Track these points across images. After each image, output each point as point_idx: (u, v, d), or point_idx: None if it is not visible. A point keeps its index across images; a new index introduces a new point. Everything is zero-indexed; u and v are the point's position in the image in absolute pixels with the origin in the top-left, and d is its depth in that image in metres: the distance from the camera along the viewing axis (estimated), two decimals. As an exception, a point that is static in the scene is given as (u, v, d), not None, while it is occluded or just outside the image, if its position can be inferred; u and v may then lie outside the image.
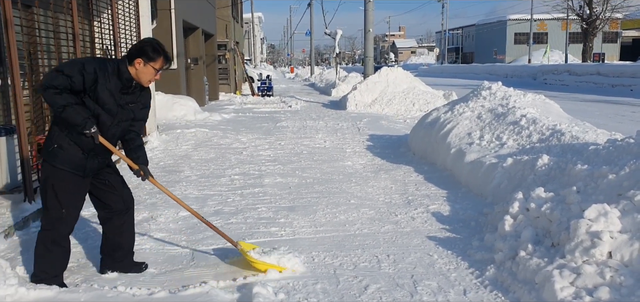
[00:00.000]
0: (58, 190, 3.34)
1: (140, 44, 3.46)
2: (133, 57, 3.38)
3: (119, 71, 3.35)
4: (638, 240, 3.23)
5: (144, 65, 3.38)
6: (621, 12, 40.79)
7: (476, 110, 7.70)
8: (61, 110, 3.17)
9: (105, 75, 3.29)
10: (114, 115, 3.38)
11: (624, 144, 4.58)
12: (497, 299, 3.35)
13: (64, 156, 3.31)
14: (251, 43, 52.77)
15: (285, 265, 3.76)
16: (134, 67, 3.38)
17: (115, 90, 3.35)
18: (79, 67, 3.23)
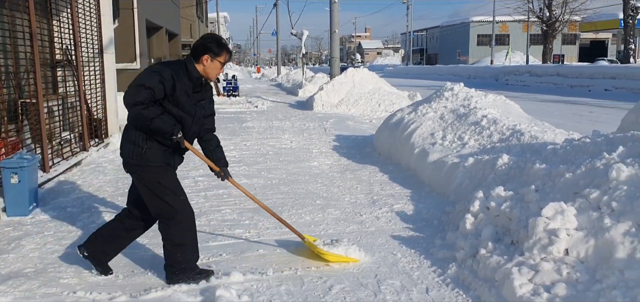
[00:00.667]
0: (166, 183, 3.50)
1: (205, 41, 3.54)
2: (199, 55, 3.49)
3: (188, 71, 3.46)
4: (593, 237, 3.33)
5: (212, 60, 3.50)
6: (579, 15, 41.95)
7: (439, 111, 7.82)
8: (150, 122, 3.29)
9: (180, 78, 3.40)
10: (193, 116, 3.51)
11: (580, 143, 4.71)
12: (459, 297, 3.40)
13: (154, 155, 3.44)
14: (217, 43, 52.13)
15: (352, 256, 3.93)
16: (201, 65, 3.50)
17: (189, 91, 3.47)
18: (158, 77, 3.31)
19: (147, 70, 3.46)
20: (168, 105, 3.38)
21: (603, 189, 3.58)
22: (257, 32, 74.85)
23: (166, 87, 3.32)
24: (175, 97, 3.38)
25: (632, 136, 4.21)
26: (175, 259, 3.56)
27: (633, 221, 3.25)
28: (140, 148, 3.43)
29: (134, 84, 3.33)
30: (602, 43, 66.56)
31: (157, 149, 3.44)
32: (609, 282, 3.01)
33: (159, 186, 3.48)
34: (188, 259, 3.59)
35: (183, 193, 3.60)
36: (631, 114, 5.73)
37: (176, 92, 3.37)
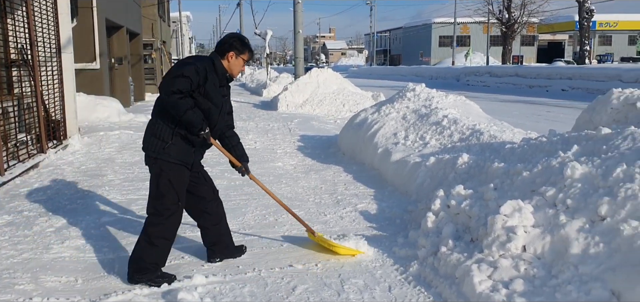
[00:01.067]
0: (175, 183, 3.58)
1: (230, 39, 3.72)
2: (225, 52, 3.66)
3: (215, 66, 3.62)
4: (549, 233, 3.43)
5: (236, 57, 3.69)
6: (537, 17, 43.08)
7: (401, 111, 7.91)
8: (183, 113, 3.41)
9: (211, 71, 3.56)
10: (220, 108, 3.67)
11: (537, 142, 4.85)
12: (420, 294, 3.46)
13: (177, 151, 3.53)
14: (179, 42, 51.59)
15: (362, 249, 4.08)
16: (226, 61, 3.68)
17: (217, 85, 3.62)
18: (194, 67, 3.44)
19: (181, 62, 3.58)
20: (198, 97, 3.51)
21: (558, 187, 3.69)
22: (220, 32, 74.21)
23: (200, 77, 3.45)
24: (205, 89, 3.51)
25: (586, 135, 4.35)
26: (141, 257, 3.58)
27: (587, 218, 3.36)
28: (164, 143, 3.53)
29: (170, 75, 3.45)
30: (559, 44, 68.59)
31: (180, 146, 3.55)
32: (564, 277, 3.10)
33: (168, 183, 3.57)
34: (155, 261, 3.61)
35: (183, 199, 3.68)
36: (585, 114, 5.93)
37: (207, 84, 3.51)
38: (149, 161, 3.64)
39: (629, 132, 3.97)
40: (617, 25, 60.48)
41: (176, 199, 3.60)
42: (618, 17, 59.87)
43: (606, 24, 59.57)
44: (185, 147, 3.57)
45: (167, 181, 3.55)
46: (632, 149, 3.71)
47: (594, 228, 3.27)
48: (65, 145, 8.89)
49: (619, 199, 3.28)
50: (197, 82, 3.45)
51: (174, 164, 3.55)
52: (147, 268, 3.57)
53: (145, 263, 3.57)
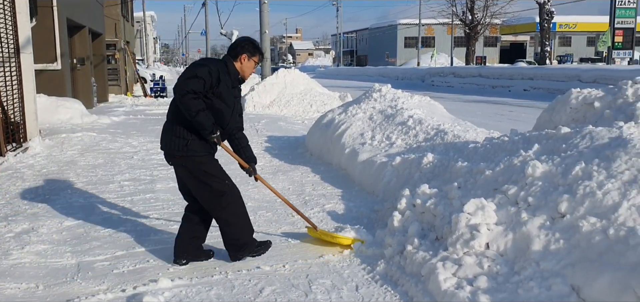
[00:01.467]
0: (211, 170, 3.77)
1: (242, 42, 3.86)
2: (238, 54, 3.80)
3: (228, 68, 3.74)
4: (511, 231, 3.51)
5: (248, 60, 3.82)
6: (500, 18, 43.90)
7: (368, 112, 7.97)
8: (195, 114, 3.51)
9: (224, 73, 3.67)
10: (232, 108, 3.78)
11: (499, 141, 4.95)
12: (387, 293, 3.49)
13: (199, 145, 3.68)
14: (143, 42, 50.84)
15: (362, 237, 4.24)
16: (239, 63, 3.81)
17: (229, 86, 3.73)
18: (207, 69, 3.56)
19: (195, 64, 3.69)
20: (212, 98, 3.62)
21: (520, 185, 3.78)
22: (185, 32, 73.36)
23: (213, 78, 3.57)
24: (218, 89, 3.62)
25: (546, 134, 4.46)
26: (233, 237, 3.87)
27: (547, 215, 3.45)
28: (185, 140, 3.66)
29: (184, 76, 3.56)
30: (521, 45, 70.11)
31: (200, 140, 3.67)
32: (526, 273, 3.18)
33: (205, 173, 3.74)
34: (244, 235, 3.91)
35: (228, 177, 3.87)
36: (545, 113, 6.08)
37: (221, 85, 3.63)
38: (174, 160, 3.80)
39: (587, 131, 4.09)
40: (576, 26, 62.14)
41: (223, 180, 3.81)
42: (577, 18, 61.54)
43: (566, 25, 61.13)
44: (202, 141, 3.70)
45: (203, 172, 3.73)
46: (590, 147, 3.83)
47: (555, 225, 3.36)
48: (25, 148, 8.64)
49: (578, 197, 3.38)
50: (210, 83, 3.56)
51: (201, 156, 3.72)
52: (243, 244, 3.90)
53: (238, 242, 3.88)
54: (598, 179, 3.42)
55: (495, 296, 3.07)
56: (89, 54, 16.94)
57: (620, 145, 3.63)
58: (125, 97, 20.99)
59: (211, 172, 3.77)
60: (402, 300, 3.38)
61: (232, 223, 3.85)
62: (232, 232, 3.87)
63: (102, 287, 3.55)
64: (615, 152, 3.57)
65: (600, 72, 21.86)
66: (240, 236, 3.91)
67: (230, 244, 3.91)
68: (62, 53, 13.20)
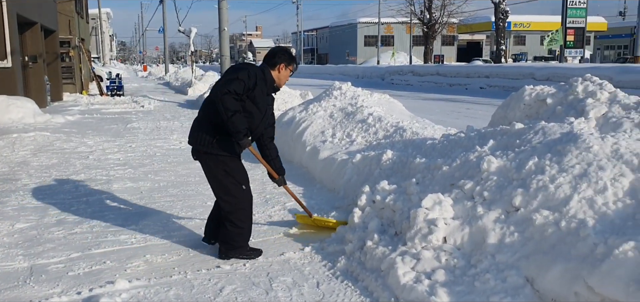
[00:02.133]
0: (232, 172, 3.86)
1: (280, 52, 3.99)
2: (276, 63, 3.92)
3: (265, 76, 3.85)
4: (468, 225, 3.58)
5: (285, 69, 3.94)
6: (456, 18, 44.73)
7: (328, 110, 7.99)
8: (231, 114, 3.59)
9: (261, 79, 3.78)
10: (264, 114, 3.89)
11: (456, 138, 5.04)
12: (348, 288, 3.51)
13: (224, 145, 3.78)
14: (99, 40, 49.65)
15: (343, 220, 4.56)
16: (276, 72, 3.92)
17: (265, 92, 3.85)
18: (247, 72, 3.70)
19: (235, 67, 3.84)
20: (246, 101, 3.73)
21: (476, 180, 3.87)
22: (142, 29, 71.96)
23: (251, 82, 3.69)
24: (253, 93, 3.73)
25: (501, 130, 4.58)
26: (232, 238, 3.94)
27: (502, 209, 3.54)
28: (212, 138, 3.77)
29: (225, 78, 3.72)
30: (477, 44, 71.60)
31: (226, 141, 3.77)
32: (482, 266, 3.25)
33: (225, 174, 3.85)
34: (242, 241, 4.00)
35: (246, 182, 3.96)
36: (500, 110, 6.22)
37: (256, 89, 3.74)
38: (198, 155, 3.91)
39: (540, 126, 4.22)
40: (530, 25, 63.96)
41: (240, 185, 3.89)
42: (531, 18, 63.35)
43: (520, 24, 62.84)
44: (229, 141, 3.78)
45: (223, 171, 3.84)
46: (543, 142, 3.94)
47: (509, 218, 3.45)
48: (-27, 148, 8.32)
49: (532, 190, 3.48)
50: (248, 86, 3.67)
51: (224, 156, 3.82)
52: (238, 248, 3.98)
53: (235, 244, 3.96)
54: (550, 173, 3.53)
55: (453, 289, 3.13)
56: (42, 52, 16.42)
57: (571, 141, 3.75)
58: (80, 96, 20.44)
59: (231, 173, 3.87)
60: (362, 295, 3.40)
61: (237, 226, 3.92)
62: (234, 233, 3.94)
63: (56, 290, 3.46)
64: (566, 147, 3.69)
65: (553, 70, 22.52)
66: (238, 239, 3.98)
67: (227, 242, 3.97)
68: (13, 50, 12.77)
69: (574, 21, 30.76)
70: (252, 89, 3.72)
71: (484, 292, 3.06)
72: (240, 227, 3.94)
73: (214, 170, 3.87)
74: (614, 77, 17.21)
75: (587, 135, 3.76)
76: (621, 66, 21.71)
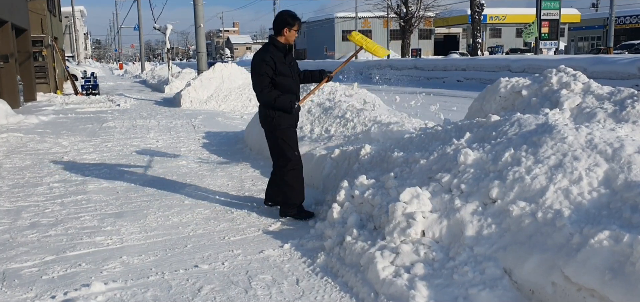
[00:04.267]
0: (288, 140, 4.72)
1: (281, 17, 4.65)
2: (281, 29, 4.61)
3: (276, 46, 4.61)
4: (446, 218, 3.59)
5: (289, 31, 4.62)
6: (433, 11, 45.00)
7: (306, 105, 7.96)
8: (274, 102, 4.53)
9: (274, 54, 4.55)
10: (293, 76, 4.71)
11: (433, 131, 5.05)
12: (327, 284, 3.50)
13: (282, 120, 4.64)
14: (73, 38, 48.86)
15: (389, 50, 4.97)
16: (283, 37, 4.62)
17: (283, 59, 4.61)
18: (263, 62, 4.51)
19: (253, 64, 4.62)
20: (277, 78, 4.54)
21: (453, 173, 3.88)
22: (117, 27, 70.94)
23: (270, 66, 4.50)
24: (278, 70, 4.53)
25: (477, 123, 4.60)
26: (287, 197, 4.80)
27: (479, 201, 3.56)
28: (271, 117, 4.64)
29: (254, 78, 4.61)
30: (454, 37, 72.14)
31: (283, 116, 4.62)
32: (460, 258, 3.26)
33: (283, 141, 4.70)
34: (295, 198, 4.81)
35: (298, 149, 4.83)
36: (476, 103, 6.27)
37: (277, 65, 4.53)
38: (265, 128, 4.78)
39: (516, 118, 4.24)
40: (505, 18, 64.65)
41: (294, 150, 4.76)
42: (506, 11, 64.05)
43: (496, 17, 63.50)
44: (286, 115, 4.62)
45: (281, 140, 4.68)
46: (519, 134, 3.97)
47: (486, 210, 3.47)
48: (-58, 151, 8.11)
49: (508, 182, 3.51)
50: (272, 70, 4.50)
51: (283, 129, 4.66)
52: (291, 205, 4.81)
53: (289, 201, 4.81)
54: (526, 164, 3.56)
55: (432, 282, 3.14)
56: (13, 51, 16.08)
57: (546, 132, 3.79)
58: (54, 96, 20.09)
59: (287, 141, 4.69)
60: (342, 291, 3.39)
61: (290, 185, 4.75)
62: (289, 192, 4.77)
63: (29, 295, 3.38)
64: (541, 138, 3.72)
65: (528, 61, 22.80)
66: (291, 197, 4.79)
67: (284, 201, 4.83)
68: (-17, 50, 12.47)
69: (548, 13, 31.19)
70: (275, 68, 4.51)
71: (463, 284, 3.07)
72: (291, 186, 4.75)
73: (272, 138, 4.74)
74: (588, 67, 17.49)
75: (562, 126, 3.80)
76: (594, 57, 22.07)
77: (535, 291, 2.96)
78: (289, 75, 4.64)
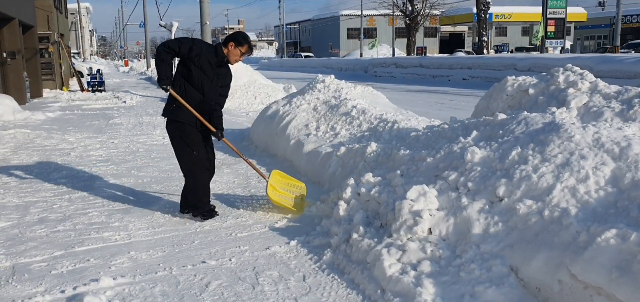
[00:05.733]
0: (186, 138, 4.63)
1: (234, 34, 4.72)
2: (227, 42, 4.65)
3: (216, 50, 4.64)
4: (453, 215, 3.60)
5: (234, 48, 4.64)
6: (438, 9, 44.91)
7: (312, 103, 7.98)
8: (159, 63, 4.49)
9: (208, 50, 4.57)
10: (211, 79, 4.62)
11: (440, 129, 5.07)
12: (334, 281, 3.52)
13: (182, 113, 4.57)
14: (79, 35, 49.01)
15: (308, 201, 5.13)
16: (226, 49, 4.65)
17: (212, 62, 4.60)
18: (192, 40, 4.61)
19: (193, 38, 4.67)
20: (192, 68, 4.52)
21: (460, 171, 3.89)
22: (123, 24, 71.13)
23: (193, 50, 4.46)
24: (199, 61, 4.50)
25: (484, 121, 4.61)
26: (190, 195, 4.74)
27: (486, 199, 3.57)
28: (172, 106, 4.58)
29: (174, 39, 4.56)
30: (459, 35, 71.99)
31: (185, 109, 4.53)
32: (467, 256, 3.28)
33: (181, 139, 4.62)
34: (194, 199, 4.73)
35: (197, 148, 4.65)
36: (483, 101, 6.27)
37: (201, 58, 4.50)
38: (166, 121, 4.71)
39: (522, 116, 4.25)
40: (511, 17, 64.42)
41: (191, 150, 4.62)
42: (512, 9, 63.80)
43: (502, 15, 63.27)
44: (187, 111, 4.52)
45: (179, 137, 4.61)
46: (526, 132, 3.98)
47: (493, 208, 3.48)
48: (-49, 147, 8.17)
49: (515, 180, 3.52)
50: (187, 50, 4.44)
51: (184, 123, 4.57)
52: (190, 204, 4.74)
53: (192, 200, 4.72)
54: (533, 162, 3.56)
55: (438, 280, 3.15)
56: (20, 48, 16.15)
57: (553, 130, 3.79)
58: (60, 92, 20.17)
59: (184, 137, 4.59)
60: (348, 288, 3.41)
61: (190, 185, 4.70)
62: (188, 191, 4.72)
63: (39, 290, 3.41)
64: (548, 137, 3.73)
65: (534, 60, 22.74)
66: (190, 197, 4.72)
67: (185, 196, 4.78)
68: (-10, 46, 12.54)
69: (554, 12, 31.07)
70: (196, 57, 4.47)
71: (469, 282, 3.08)
72: (193, 188, 4.68)
73: (172, 134, 4.65)
74: (594, 66, 17.43)
75: (569, 125, 3.80)
76: (601, 56, 21.98)
77: (542, 289, 2.97)
78: (209, 78, 4.59)
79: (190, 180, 4.70)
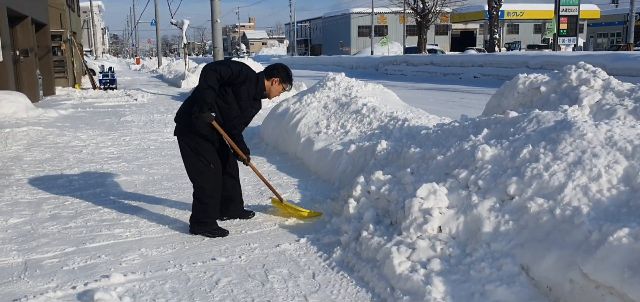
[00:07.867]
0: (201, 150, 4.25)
1: (279, 68, 4.44)
2: (271, 75, 4.37)
3: (258, 81, 4.30)
4: (463, 214, 3.58)
5: (278, 84, 4.40)
6: (450, 7, 44.66)
7: (322, 101, 7.98)
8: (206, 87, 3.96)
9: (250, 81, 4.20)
10: (243, 111, 4.29)
11: (450, 127, 5.05)
12: (343, 279, 3.51)
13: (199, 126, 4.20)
14: (91, 33, 49.38)
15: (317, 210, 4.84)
16: (270, 83, 4.37)
17: (252, 94, 4.27)
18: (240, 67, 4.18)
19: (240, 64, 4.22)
20: (229, 92, 4.15)
21: (470, 169, 3.87)
22: (135, 22, 71.54)
23: (240, 77, 4.10)
24: (239, 89, 4.15)
25: (495, 119, 4.58)
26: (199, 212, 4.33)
27: (497, 197, 3.54)
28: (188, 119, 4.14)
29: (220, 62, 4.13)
30: (471, 33, 71.58)
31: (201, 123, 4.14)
32: (477, 255, 3.26)
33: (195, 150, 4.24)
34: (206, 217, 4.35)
35: (215, 161, 4.29)
36: (494, 99, 6.23)
37: (242, 87, 4.15)
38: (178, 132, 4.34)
39: (534, 114, 4.22)
40: (523, 14, 63.97)
41: (208, 163, 4.25)
42: (524, 6, 63.36)
43: (513, 13, 62.84)
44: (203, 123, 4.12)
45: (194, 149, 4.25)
46: (537, 130, 3.95)
47: (504, 207, 3.45)
48: (-35, 144, 8.27)
49: (526, 179, 3.49)
50: (235, 77, 4.06)
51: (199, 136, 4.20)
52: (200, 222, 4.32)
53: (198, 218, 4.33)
54: (545, 161, 3.53)
55: (448, 278, 3.14)
56: (33, 46, 16.31)
57: (565, 128, 3.76)
58: (73, 90, 20.33)
59: (201, 151, 4.22)
60: (358, 286, 3.41)
61: (203, 202, 4.28)
62: (199, 209, 4.31)
63: (51, 285, 3.44)
64: (560, 135, 3.70)
65: (546, 58, 22.54)
66: (201, 216, 4.32)
67: (193, 217, 4.36)
68: (4, 44, 12.67)
69: (567, 9, 30.82)
70: (239, 84, 4.12)
71: (480, 280, 3.06)
72: (205, 204, 4.29)
73: (185, 146, 4.28)
74: (607, 64, 17.26)
75: (581, 123, 3.77)
76: (614, 53, 21.76)
77: (553, 288, 2.95)
78: (242, 109, 4.28)
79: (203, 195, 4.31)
